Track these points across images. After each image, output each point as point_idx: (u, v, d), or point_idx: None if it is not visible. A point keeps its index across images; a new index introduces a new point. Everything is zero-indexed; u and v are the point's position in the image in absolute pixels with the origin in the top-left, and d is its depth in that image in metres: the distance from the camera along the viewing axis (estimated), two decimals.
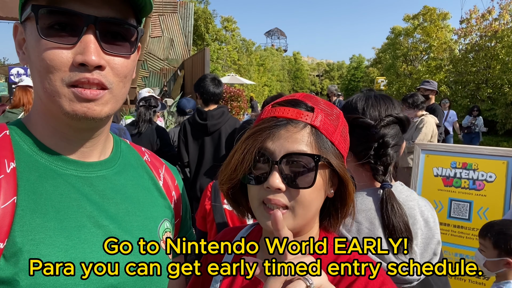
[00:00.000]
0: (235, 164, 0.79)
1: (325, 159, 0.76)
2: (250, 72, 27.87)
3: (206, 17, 23.21)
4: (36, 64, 0.69)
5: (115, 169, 0.83)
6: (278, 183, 0.74)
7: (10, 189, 0.67)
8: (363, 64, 42.26)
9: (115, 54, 0.71)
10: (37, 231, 0.67)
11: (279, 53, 45.60)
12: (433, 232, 1.20)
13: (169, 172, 0.98)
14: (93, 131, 0.77)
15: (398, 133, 1.24)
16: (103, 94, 0.70)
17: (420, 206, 1.23)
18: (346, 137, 0.85)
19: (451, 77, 19.63)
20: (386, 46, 27.62)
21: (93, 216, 0.74)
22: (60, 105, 0.69)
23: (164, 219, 0.88)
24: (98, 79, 0.69)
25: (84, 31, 0.67)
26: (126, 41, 0.73)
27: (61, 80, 0.68)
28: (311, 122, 0.77)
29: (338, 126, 0.81)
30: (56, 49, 0.67)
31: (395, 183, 1.25)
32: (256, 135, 0.78)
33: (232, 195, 0.88)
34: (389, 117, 1.21)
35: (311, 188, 0.75)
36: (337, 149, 0.80)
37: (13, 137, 0.74)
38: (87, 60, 0.67)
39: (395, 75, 23.51)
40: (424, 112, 5.30)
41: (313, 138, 0.76)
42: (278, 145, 0.75)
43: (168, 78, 14.20)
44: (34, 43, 0.69)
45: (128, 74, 0.75)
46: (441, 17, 22.51)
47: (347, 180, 0.80)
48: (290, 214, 0.76)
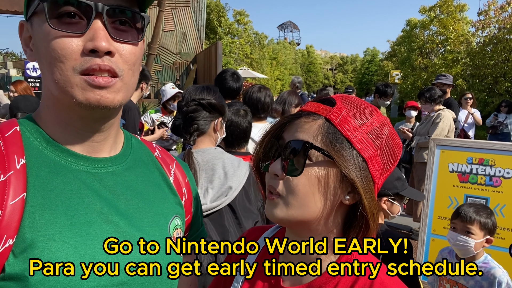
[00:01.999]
0: (258, 147, 0.83)
1: (323, 151, 0.72)
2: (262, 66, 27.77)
3: (218, 10, 23.16)
4: (46, 55, 0.69)
5: (125, 165, 0.83)
6: (276, 169, 0.75)
7: (20, 185, 0.67)
8: (377, 57, 41.66)
9: (123, 41, 0.72)
10: (47, 227, 0.67)
11: (292, 46, 45.31)
12: (227, 180, 1.71)
13: (180, 168, 0.98)
14: (104, 122, 0.77)
15: (202, 112, 1.82)
16: (115, 81, 0.71)
17: (224, 164, 1.77)
18: (378, 140, 0.76)
19: (468, 70, 19.21)
20: (401, 39, 27.14)
21: (103, 212, 0.74)
22: (73, 94, 0.69)
23: (174, 216, 0.88)
24: (109, 65, 0.69)
25: (92, 19, 0.68)
26: (133, 28, 0.74)
27: (72, 69, 0.68)
28: (327, 116, 0.75)
29: (365, 125, 0.75)
30: (66, 38, 0.68)
31: (210, 147, 1.83)
32: (278, 123, 0.82)
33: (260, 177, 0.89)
34: (193, 101, 1.79)
35: (304, 179, 0.73)
36: (359, 154, 0.73)
37: (24, 133, 0.74)
38: (97, 45, 0.67)
39: (410, 69, 23.10)
40: (441, 107, 5.20)
41: (321, 130, 0.74)
42: (288, 134, 0.77)
43: (181, 72, 14.25)
44: (43, 35, 0.69)
45: (136, 62, 0.75)
46: (458, 9, 21.99)
47: (357, 184, 0.72)
48: (282, 202, 0.76)
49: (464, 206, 2.32)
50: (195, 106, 1.82)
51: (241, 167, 1.85)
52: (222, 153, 1.85)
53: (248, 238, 0.97)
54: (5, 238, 0.64)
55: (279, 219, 0.77)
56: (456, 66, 19.52)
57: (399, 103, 22.61)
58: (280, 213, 0.76)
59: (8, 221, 0.64)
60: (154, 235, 0.80)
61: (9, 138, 0.71)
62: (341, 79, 50.12)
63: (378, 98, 5.84)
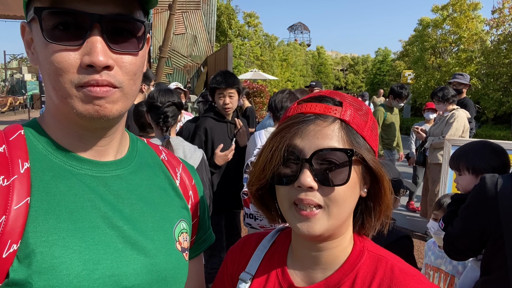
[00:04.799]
0: (264, 163, 0.76)
1: (358, 154, 0.73)
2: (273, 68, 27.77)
3: (228, 13, 23.25)
4: (44, 66, 0.68)
5: (130, 169, 0.82)
6: (310, 181, 0.70)
7: (24, 190, 0.66)
8: (389, 57, 41.24)
9: (123, 52, 0.69)
10: (51, 233, 0.66)
11: (302, 47, 45.20)
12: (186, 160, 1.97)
13: (186, 171, 0.96)
14: (106, 130, 0.76)
15: (175, 110, 2.52)
16: (113, 91, 0.69)
17: (184, 149, 2.49)
18: (376, 132, 0.80)
19: (483, 69, 18.87)
20: (414, 39, 26.83)
21: (107, 217, 0.72)
22: (72, 106, 0.68)
23: (180, 220, 0.86)
24: (107, 80, 0.67)
25: (89, 30, 0.65)
26: (133, 37, 0.71)
27: (70, 81, 0.66)
28: (341, 116, 0.73)
29: (368, 121, 0.77)
30: (63, 51, 0.65)
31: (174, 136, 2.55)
32: (283, 132, 0.74)
33: (260, 198, 0.85)
34: (169, 101, 2.46)
35: (345, 185, 0.71)
36: (368, 144, 0.76)
37: (28, 137, 0.73)
38: (94, 61, 0.65)
39: (423, 68, 22.80)
40: (455, 106, 5.10)
41: (343, 132, 0.73)
42: (307, 142, 0.72)
43: (192, 75, 14.33)
44: (40, 45, 0.68)
45: (137, 71, 0.73)
46: (471, 7, 21.64)
47: (382, 175, 0.75)
48: (324, 213, 0.72)
49: (446, 198, 2.46)
50: (172, 106, 2.47)
51: (196, 152, 2.52)
52: (182, 141, 2.55)
53: (246, 245, 0.94)
54: (9, 243, 0.63)
55: (320, 233, 0.73)
56: (470, 65, 19.20)
57: (412, 103, 22.36)
58: (322, 227, 0.72)
59: (12, 226, 0.63)
60: (158, 240, 0.78)
61: (14, 142, 0.70)
62: (353, 80, 49.81)
63: (392, 99, 5.76)
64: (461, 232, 1.83)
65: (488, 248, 1.77)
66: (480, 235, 1.75)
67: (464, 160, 2.09)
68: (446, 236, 1.94)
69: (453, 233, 1.87)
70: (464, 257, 1.97)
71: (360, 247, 0.81)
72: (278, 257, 0.87)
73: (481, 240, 1.77)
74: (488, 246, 1.76)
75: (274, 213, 0.87)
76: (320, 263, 0.80)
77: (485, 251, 1.81)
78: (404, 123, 17.06)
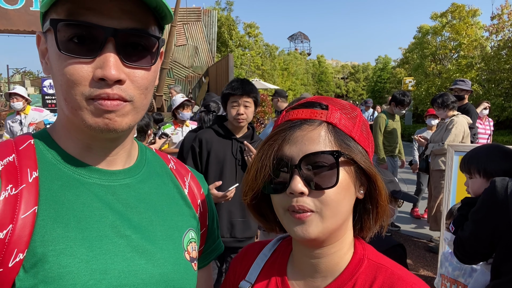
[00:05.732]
0: (255, 172, 0.76)
1: (347, 155, 0.72)
2: (274, 77, 27.87)
3: (229, 24, 23.43)
4: (57, 77, 0.69)
5: (139, 177, 0.82)
6: (300, 187, 0.70)
7: (31, 199, 0.66)
8: (389, 65, 41.36)
9: (135, 67, 0.70)
10: (58, 242, 0.66)
11: (302, 57, 45.39)
12: None
13: (195, 180, 0.96)
14: (116, 140, 0.77)
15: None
16: (124, 105, 0.69)
17: None
18: (368, 133, 0.80)
19: (483, 75, 18.89)
20: (413, 46, 26.94)
21: (115, 226, 0.72)
22: (82, 118, 0.68)
23: (189, 229, 0.86)
24: (118, 94, 0.68)
25: (103, 44, 0.66)
26: (147, 51, 0.71)
27: (81, 94, 0.67)
28: (327, 119, 0.74)
29: (357, 122, 0.77)
30: (76, 64, 0.66)
31: None
32: (271, 140, 0.75)
33: (255, 207, 0.85)
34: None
35: (336, 187, 0.71)
36: (360, 144, 0.76)
37: (37, 146, 0.74)
38: (107, 75, 0.65)
39: (423, 75, 22.86)
40: (456, 112, 5.09)
41: (331, 135, 0.73)
42: (295, 148, 0.72)
43: (193, 85, 14.40)
44: (54, 56, 0.69)
45: (149, 86, 0.73)
46: (470, 14, 21.76)
47: (374, 175, 0.75)
48: (318, 217, 0.72)
49: (457, 206, 2.39)
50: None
51: None
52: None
53: (247, 254, 0.94)
54: (16, 252, 0.63)
55: (315, 236, 0.73)
56: (470, 71, 19.24)
57: (413, 110, 22.35)
58: (316, 229, 0.72)
59: (19, 235, 0.63)
60: (167, 249, 0.78)
61: (23, 152, 0.71)
62: (353, 88, 49.89)
63: (394, 106, 5.76)
64: (471, 236, 1.81)
65: (499, 251, 1.75)
66: (490, 238, 1.74)
67: (475, 163, 2.07)
68: (456, 240, 1.92)
69: (463, 237, 1.85)
70: (474, 261, 1.95)
71: (360, 255, 0.80)
72: (279, 265, 0.87)
73: (492, 244, 1.75)
74: (499, 249, 1.75)
75: (272, 221, 0.86)
76: (320, 270, 0.79)
77: (496, 254, 1.79)
78: (406, 130, 17.03)
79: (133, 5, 0.67)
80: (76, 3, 0.65)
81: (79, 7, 0.65)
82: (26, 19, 10.60)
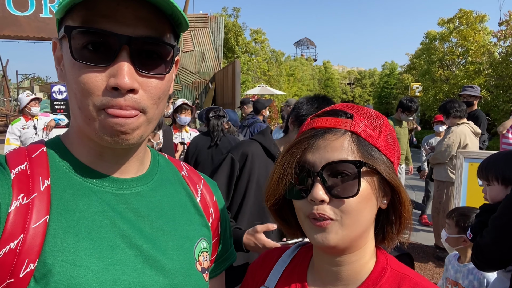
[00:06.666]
0: (277, 178, 0.76)
1: (369, 165, 0.72)
2: (280, 83, 27.90)
3: (236, 30, 23.55)
4: (71, 85, 0.68)
5: (151, 185, 0.81)
6: (322, 194, 0.71)
7: (43, 207, 0.65)
8: (396, 70, 41.22)
9: (149, 76, 0.69)
10: (68, 252, 0.65)
11: (309, 62, 45.43)
12: None
13: (207, 187, 0.94)
14: (129, 151, 0.76)
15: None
16: (136, 114, 0.68)
17: None
18: (395, 143, 0.79)
19: (491, 81, 18.74)
20: (420, 52, 26.83)
21: (126, 236, 0.71)
22: (94, 127, 0.68)
23: (201, 239, 0.84)
24: (131, 104, 0.67)
25: (117, 52, 0.65)
26: (161, 60, 0.70)
27: (94, 104, 0.66)
28: (351, 129, 0.74)
29: (382, 131, 0.77)
30: (90, 72, 0.65)
31: None
32: (295, 148, 0.76)
33: (278, 212, 0.85)
34: None
35: (357, 197, 0.71)
36: (384, 154, 0.75)
37: (50, 154, 0.73)
38: (120, 84, 0.64)
39: (430, 81, 22.72)
40: (461, 121, 4.93)
41: (354, 144, 0.73)
42: (317, 156, 0.72)
43: (200, 91, 14.46)
44: (68, 63, 0.68)
45: (162, 95, 0.72)
46: (478, 19, 21.64)
47: (398, 187, 0.75)
48: (337, 224, 0.72)
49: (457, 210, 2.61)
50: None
51: None
52: None
53: (266, 261, 0.93)
54: (27, 262, 0.62)
55: (334, 243, 0.73)
56: (478, 77, 19.10)
57: (421, 116, 22.21)
58: (336, 237, 0.72)
59: (30, 245, 0.62)
60: (178, 260, 0.77)
61: (36, 160, 0.71)
62: (360, 94, 49.77)
63: (401, 112, 5.73)
64: (491, 243, 1.78)
65: None
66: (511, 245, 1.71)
67: (493, 170, 2.05)
68: (475, 247, 1.89)
69: (482, 244, 1.83)
70: (493, 268, 1.92)
71: (383, 264, 0.79)
72: (298, 272, 0.86)
73: None
74: None
75: (294, 227, 0.86)
76: (341, 278, 0.79)
77: None
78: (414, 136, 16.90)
79: (148, 13, 0.66)
80: (91, 10, 0.64)
81: (94, 14, 0.64)
82: (35, 25, 10.75)
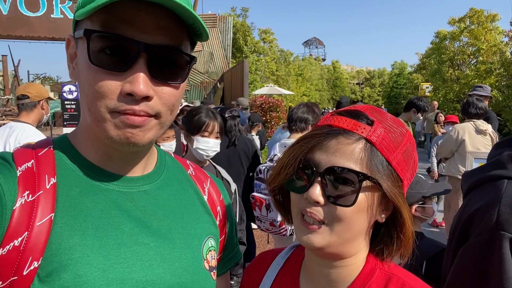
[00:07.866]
0: (280, 167, 0.76)
1: (373, 179, 0.69)
2: (288, 82, 27.86)
3: (244, 30, 23.57)
4: (84, 87, 0.68)
5: (158, 184, 0.81)
6: (318, 196, 0.69)
7: (48, 205, 0.65)
8: (406, 70, 40.87)
9: (165, 84, 0.69)
10: (75, 250, 0.65)
11: (317, 62, 45.30)
12: None
13: (214, 186, 0.94)
14: (136, 152, 0.76)
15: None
16: (149, 120, 0.68)
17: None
18: (411, 158, 0.75)
19: (503, 81, 18.47)
20: (431, 51, 26.56)
21: (133, 234, 0.71)
22: (105, 129, 0.68)
23: (208, 237, 0.84)
24: (145, 110, 0.67)
25: (135, 58, 0.65)
26: (177, 69, 0.70)
27: (106, 106, 0.66)
28: (367, 136, 0.70)
29: (401, 145, 0.73)
30: (105, 77, 0.65)
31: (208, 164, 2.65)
32: (304, 141, 0.74)
33: (277, 197, 0.85)
34: None
35: (352, 207, 0.69)
36: (395, 170, 0.72)
37: (57, 152, 0.74)
38: (135, 91, 0.64)
39: (441, 81, 22.49)
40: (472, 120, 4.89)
41: (365, 154, 0.70)
42: (324, 157, 0.70)
43: (208, 91, 14.52)
44: (84, 65, 0.68)
45: (176, 103, 0.72)
46: (489, 19, 21.35)
47: (399, 207, 0.72)
48: (326, 229, 0.71)
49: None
50: None
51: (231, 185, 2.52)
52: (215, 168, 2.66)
53: (261, 262, 0.94)
54: (31, 260, 0.62)
55: (319, 246, 0.72)
56: (489, 77, 18.84)
57: None
58: (322, 241, 0.71)
59: (34, 242, 0.62)
60: (186, 258, 0.77)
61: (42, 157, 0.71)
62: (369, 93, 49.45)
63: (414, 113, 5.59)
64: None
65: None
66: None
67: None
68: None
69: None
70: None
71: (372, 265, 0.78)
72: (291, 274, 0.86)
73: None
74: None
75: (289, 215, 0.85)
76: (332, 280, 0.78)
77: None
78: None
79: (169, 21, 0.66)
80: (112, 15, 0.64)
81: (115, 19, 0.64)
82: (47, 26, 10.89)
